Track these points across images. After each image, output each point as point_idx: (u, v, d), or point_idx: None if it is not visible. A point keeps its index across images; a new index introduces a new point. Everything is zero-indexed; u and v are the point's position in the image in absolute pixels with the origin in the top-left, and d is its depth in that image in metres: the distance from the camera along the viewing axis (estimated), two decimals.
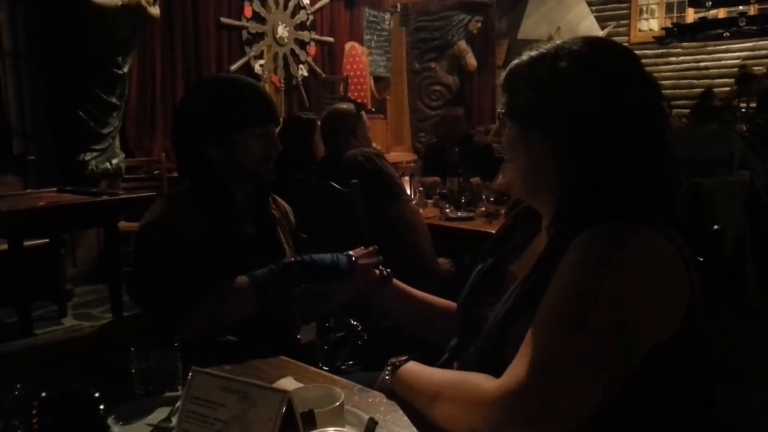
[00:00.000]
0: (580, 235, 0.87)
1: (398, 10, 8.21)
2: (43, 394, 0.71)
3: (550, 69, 0.94)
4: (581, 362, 0.80)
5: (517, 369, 0.82)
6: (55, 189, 3.75)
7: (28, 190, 3.94)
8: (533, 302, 0.87)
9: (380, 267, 1.39)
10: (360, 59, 7.63)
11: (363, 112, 2.97)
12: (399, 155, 7.47)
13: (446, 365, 1.11)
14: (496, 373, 0.86)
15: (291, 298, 1.44)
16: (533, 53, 0.99)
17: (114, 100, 4.67)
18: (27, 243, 3.23)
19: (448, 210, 3.21)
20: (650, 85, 0.95)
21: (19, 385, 0.91)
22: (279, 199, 1.76)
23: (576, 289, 0.84)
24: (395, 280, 1.38)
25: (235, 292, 1.37)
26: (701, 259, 1.06)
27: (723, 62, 8.71)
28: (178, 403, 0.98)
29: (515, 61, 1.01)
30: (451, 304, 1.32)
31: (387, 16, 8.23)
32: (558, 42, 0.98)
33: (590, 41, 0.98)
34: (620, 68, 0.94)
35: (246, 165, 1.52)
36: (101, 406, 0.72)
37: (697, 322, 0.88)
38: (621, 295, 0.82)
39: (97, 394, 0.72)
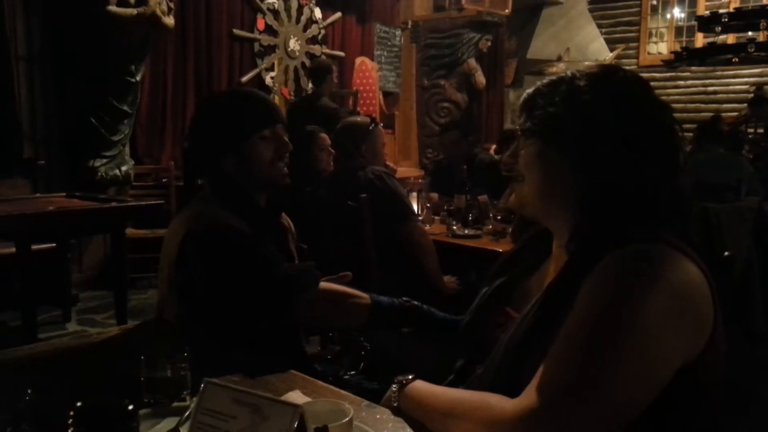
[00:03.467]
0: (605, 257, 0.87)
1: (409, 26, 8.27)
2: (78, 404, 0.71)
3: (569, 87, 0.99)
4: (603, 385, 0.80)
5: (536, 390, 0.82)
6: (63, 194, 3.77)
7: (37, 195, 3.95)
8: (553, 323, 0.87)
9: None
10: (370, 74, 7.68)
11: (378, 126, 2.95)
12: (406, 171, 7.48)
13: (453, 385, 1.11)
14: (509, 394, 0.86)
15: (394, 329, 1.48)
16: (552, 78, 1.04)
17: (125, 107, 4.70)
18: (34, 247, 3.24)
19: (455, 227, 3.22)
20: (662, 107, 0.99)
21: (30, 391, 0.91)
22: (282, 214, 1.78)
23: (601, 311, 0.84)
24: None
25: (353, 303, 1.43)
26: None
27: (731, 87, 8.74)
28: (186, 413, 0.98)
29: (533, 87, 1.05)
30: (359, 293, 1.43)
31: (398, 32, 8.29)
32: (574, 68, 1.04)
33: (606, 66, 1.05)
34: (633, 90, 0.99)
35: (260, 169, 1.54)
36: (135, 419, 0.72)
37: (719, 346, 0.88)
38: (647, 319, 0.81)
39: (131, 407, 0.72)
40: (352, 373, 1.35)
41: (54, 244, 3.74)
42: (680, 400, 0.86)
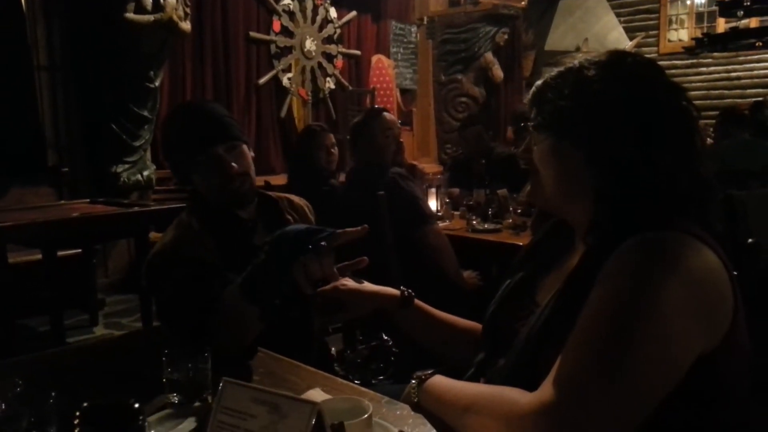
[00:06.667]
0: (621, 245, 0.86)
1: (425, 22, 8.25)
2: (85, 404, 0.72)
3: (576, 77, 0.97)
4: (622, 377, 0.78)
5: (554, 383, 0.81)
6: (87, 200, 3.83)
7: (62, 202, 4.02)
8: (571, 315, 0.86)
9: (402, 287, 1.35)
10: (386, 72, 7.68)
11: (383, 114, 2.82)
12: (425, 167, 7.47)
13: (473, 380, 1.10)
14: (528, 387, 0.85)
15: (284, 286, 1.25)
16: (560, 68, 1.01)
17: (145, 113, 4.76)
18: (60, 253, 3.30)
19: (475, 222, 3.20)
20: (675, 90, 0.96)
21: (54, 393, 0.93)
22: (295, 200, 1.73)
23: (618, 300, 0.82)
24: (417, 301, 1.33)
25: (231, 306, 1.29)
26: (735, 273, 1.04)
27: (755, 72, 8.57)
28: (207, 413, 0.99)
29: (540, 79, 1.03)
30: (474, 324, 1.30)
31: (413, 28, 8.27)
32: (582, 57, 1.01)
33: (613, 52, 1.01)
34: (644, 74, 0.97)
35: (212, 194, 1.49)
36: (141, 417, 0.73)
37: (740, 335, 0.86)
38: (664, 306, 0.80)
39: (137, 405, 0.73)
40: (380, 378, 1.35)
41: (79, 250, 3.80)
42: (700, 394, 0.84)
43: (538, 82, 1.03)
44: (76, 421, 0.69)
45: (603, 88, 0.94)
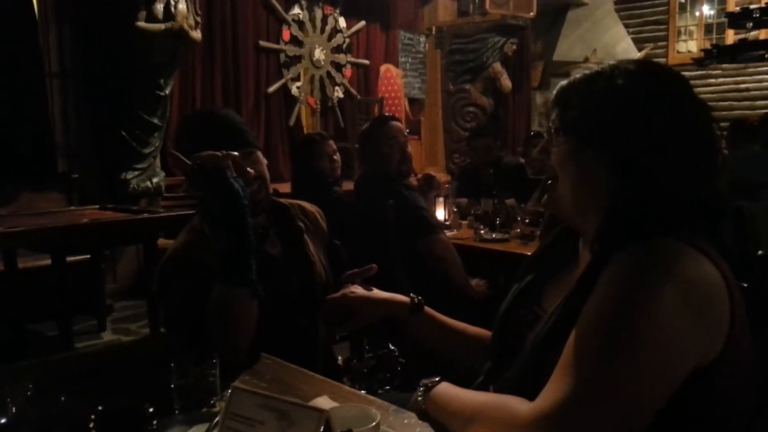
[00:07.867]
0: (621, 251, 0.86)
1: (433, 32, 8.29)
2: (100, 408, 0.73)
3: (607, 85, 0.95)
4: (618, 385, 0.78)
5: (552, 391, 0.81)
6: (97, 206, 3.85)
7: (72, 208, 4.05)
8: (575, 323, 0.86)
9: (412, 294, 1.35)
10: (395, 81, 7.71)
11: (389, 123, 2.78)
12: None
13: (482, 388, 1.10)
14: (536, 395, 0.85)
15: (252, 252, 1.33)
16: (588, 72, 0.99)
17: (155, 120, 4.79)
18: (69, 258, 3.31)
19: (482, 231, 3.20)
20: (701, 106, 0.96)
21: (63, 398, 0.93)
22: (307, 206, 1.73)
23: (614, 307, 0.82)
24: (427, 308, 1.34)
25: (222, 302, 1.32)
26: (744, 285, 1.03)
27: (764, 83, 8.55)
28: (216, 419, 0.99)
29: (567, 80, 1.01)
30: (483, 331, 1.30)
31: (422, 38, 8.31)
32: (612, 62, 0.99)
33: (644, 63, 1.01)
34: (673, 88, 0.96)
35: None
36: (154, 422, 0.74)
37: (740, 349, 0.86)
38: (659, 314, 0.80)
39: (151, 410, 0.73)
40: (387, 388, 1.34)
41: (88, 256, 3.82)
42: (699, 410, 0.84)
43: (563, 83, 1.02)
44: (91, 425, 0.69)
45: (632, 98, 0.93)
